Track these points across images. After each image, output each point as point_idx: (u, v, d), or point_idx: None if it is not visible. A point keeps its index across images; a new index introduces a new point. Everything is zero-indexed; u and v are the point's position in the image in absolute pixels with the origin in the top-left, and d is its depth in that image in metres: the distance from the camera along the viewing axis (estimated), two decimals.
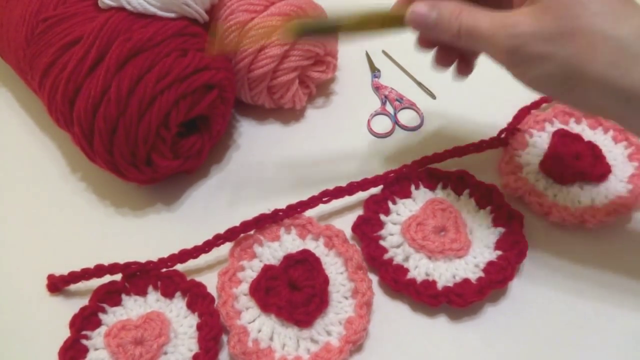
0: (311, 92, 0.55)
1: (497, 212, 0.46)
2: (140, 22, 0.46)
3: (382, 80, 0.57)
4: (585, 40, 0.33)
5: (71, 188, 0.51)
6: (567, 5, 0.34)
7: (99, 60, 0.44)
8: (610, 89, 0.34)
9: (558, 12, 0.34)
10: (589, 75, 0.34)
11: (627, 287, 0.44)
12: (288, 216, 0.46)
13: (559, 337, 0.42)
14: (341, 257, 0.45)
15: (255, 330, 0.42)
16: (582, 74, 0.34)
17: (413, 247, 0.45)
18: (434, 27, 0.38)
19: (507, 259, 0.43)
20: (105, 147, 0.45)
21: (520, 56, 0.35)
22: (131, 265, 0.44)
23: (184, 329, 0.42)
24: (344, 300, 0.43)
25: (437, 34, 0.38)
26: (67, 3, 0.48)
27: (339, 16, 0.40)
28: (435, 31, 0.38)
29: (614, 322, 0.43)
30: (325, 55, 0.53)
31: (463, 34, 0.37)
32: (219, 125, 0.50)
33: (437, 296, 0.42)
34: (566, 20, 0.34)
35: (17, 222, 0.49)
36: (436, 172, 0.49)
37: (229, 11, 0.50)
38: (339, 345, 0.41)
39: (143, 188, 0.50)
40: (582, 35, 0.33)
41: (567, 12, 0.34)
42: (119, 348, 0.41)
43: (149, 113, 0.44)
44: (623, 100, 0.34)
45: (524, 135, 0.51)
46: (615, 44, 0.33)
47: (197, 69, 0.46)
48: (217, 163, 0.52)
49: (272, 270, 0.43)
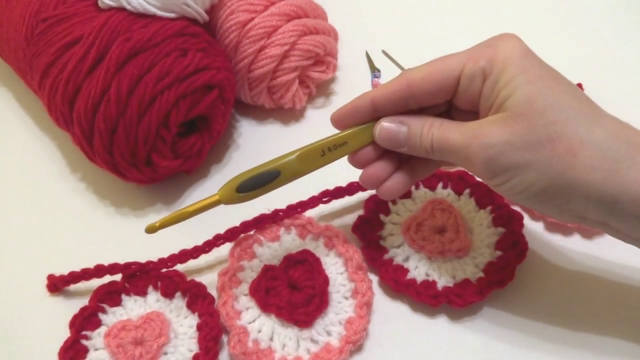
0: (311, 92, 0.55)
1: (497, 212, 0.46)
2: (140, 22, 0.46)
3: (382, 80, 0.57)
4: (563, 146, 0.33)
5: (71, 188, 0.51)
6: (540, 113, 0.33)
7: (99, 60, 0.44)
8: (594, 195, 0.33)
9: (532, 120, 0.33)
10: (570, 181, 0.33)
11: (627, 286, 0.44)
12: (288, 216, 0.46)
13: (559, 337, 0.42)
14: (341, 257, 0.45)
15: (255, 330, 0.42)
16: (564, 180, 0.33)
17: (413, 247, 0.45)
18: (405, 142, 0.37)
19: (507, 259, 0.43)
20: (105, 147, 0.45)
21: (498, 166, 0.34)
22: (131, 265, 0.44)
23: (184, 329, 0.43)
24: (344, 300, 0.43)
25: (408, 150, 0.38)
26: (67, 3, 0.48)
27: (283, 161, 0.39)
28: (407, 146, 0.38)
29: (614, 322, 0.43)
30: (325, 55, 0.53)
31: (435, 148, 0.36)
32: (219, 125, 0.50)
33: (437, 296, 0.42)
34: (541, 128, 0.33)
35: (17, 222, 0.50)
36: (436, 172, 0.49)
37: (229, 11, 0.50)
38: (339, 346, 0.41)
39: (143, 188, 0.50)
40: (559, 142, 0.33)
41: (541, 119, 0.33)
42: (119, 348, 0.41)
43: (149, 113, 0.44)
44: (608, 205, 0.34)
45: None
46: (593, 149, 0.33)
47: (197, 69, 0.46)
48: (217, 163, 0.52)
49: (272, 271, 0.43)
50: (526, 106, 0.33)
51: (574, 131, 0.33)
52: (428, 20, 0.60)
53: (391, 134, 0.37)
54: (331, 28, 0.54)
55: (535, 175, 0.34)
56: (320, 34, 0.52)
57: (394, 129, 0.37)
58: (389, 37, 0.61)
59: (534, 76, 0.34)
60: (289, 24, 0.50)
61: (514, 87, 0.34)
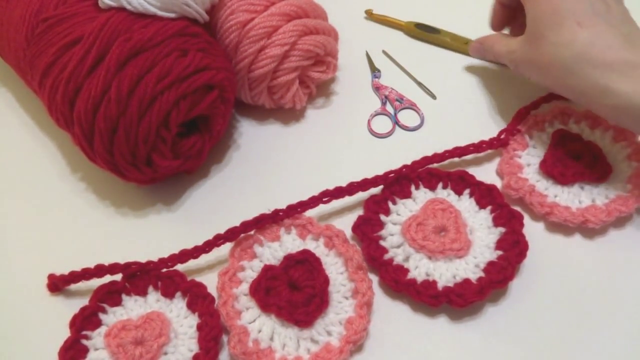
0: (311, 92, 0.55)
1: (497, 212, 0.46)
2: (140, 22, 0.45)
3: (382, 80, 0.57)
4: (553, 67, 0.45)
5: (71, 188, 0.51)
6: (540, 39, 0.46)
7: (99, 60, 0.44)
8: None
9: (535, 44, 0.46)
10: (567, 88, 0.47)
11: (627, 287, 0.44)
12: (288, 216, 0.46)
13: (559, 337, 0.42)
14: (341, 257, 0.45)
15: (256, 330, 0.42)
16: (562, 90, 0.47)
17: (413, 247, 0.45)
18: (483, 53, 0.55)
19: (508, 259, 0.44)
20: (105, 147, 0.45)
21: (518, 71, 0.50)
22: (131, 265, 0.44)
23: (184, 329, 0.42)
24: (344, 300, 0.43)
25: (485, 56, 0.56)
26: (68, 3, 0.48)
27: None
28: (484, 54, 0.55)
29: (614, 322, 0.43)
30: (326, 55, 0.53)
31: (495, 56, 0.53)
32: (219, 126, 0.50)
33: (437, 296, 0.42)
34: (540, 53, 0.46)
35: (17, 222, 0.50)
36: (436, 172, 0.49)
37: (229, 11, 0.50)
38: (339, 346, 0.41)
39: (143, 188, 0.50)
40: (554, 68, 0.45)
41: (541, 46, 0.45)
42: (119, 348, 0.41)
43: (149, 113, 0.44)
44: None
45: (523, 135, 0.51)
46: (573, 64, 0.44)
47: (198, 69, 0.46)
48: (217, 163, 0.52)
49: (272, 271, 0.43)
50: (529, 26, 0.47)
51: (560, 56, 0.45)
52: (429, 21, 0.60)
53: (474, 49, 0.56)
54: (331, 28, 0.54)
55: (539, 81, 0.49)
56: (321, 34, 0.52)
57: (475, 46, 0.55)
58: (389, 37, 0.61)
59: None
60: (289, 24, 0.50)
61: (526, 9, 0.47)
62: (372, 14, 0.62)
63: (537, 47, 0.46)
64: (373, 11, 0.62)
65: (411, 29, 0.60)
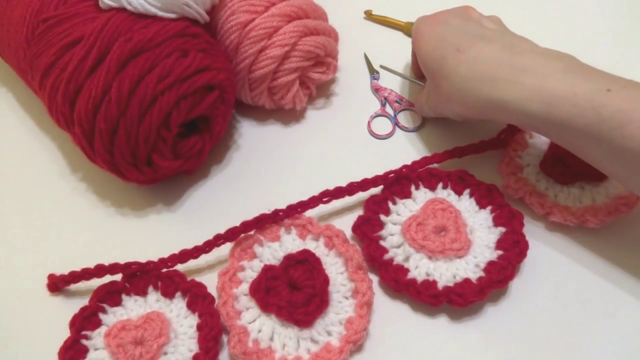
0: (311, 93, 0.55)
1: (497, 211, 0.46)
2: (141, 22, 0.46)
3: (381, 81, 0.57)
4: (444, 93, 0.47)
5: (71, 188, 0.51)
6: (435, 79, 0.47)
7: (100, 61, 0.44)
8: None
9: (434, 84, 0.48)
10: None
11: (627, 286, 0.44)
12: (288, 216, 0.46)
13: (559, 337, 0.42)
14: (341, 257, 0.45)
15: (256, 330, 0.42)
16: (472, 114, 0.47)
17: (413, 247, 0.45)
18: (420, 112, 0.55)
19: (508, 258, 0.44)
20: (105, 147, 0.45)
21: (438, 113, 0.51)
22: (131, 265, 0.44)
23: (184, 329, 0.42)
24: (344, 300, 0.43)
25: (423, 114, 0.55)
26: (68, 3, 0.48)
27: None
28: (422, 113, 0.55)
29: (615, 322, 0.43)
30: (326, 56, 0.53)
31: (422, 111, 0.54)
32: (219, 126, 0.50)
33: (437, 296, 0.42)
34: (441, 91, 0.47)
35: (17, 222, 0.50)
36: (436, 172, 0.49)
37: (229, 12, 0.50)
38: (339, 345, 0.41)
39: (143, 188, 0.50)
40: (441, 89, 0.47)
41: (438, 84, 0.47)
42: (119, 348, 0.41)
43: (150, 113, 0.44)
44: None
45: (523, 135, 0.51)
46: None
47: (198, 70, 0.46)
48: (217, 163, 0.52)
49: (272, 271, 0.43)
50: (425, 72, 0.49)
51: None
52: None
53: (417, 112, 0.55)
54: (332, 29, 0.54)
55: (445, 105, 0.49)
56: (321, 35, 0.52)
57: (415, 110, 0.55)
58: (388, 38, 0.61)
59: (423, 40, 0.48)
60: (289, 25, 0.50)
61: (417, 57, 0.50)
62: (371, 15, 0.62)
63: (436, 86, 0.47)
64: (373, 12, 0.62)
65: (411, 29, 0.60)
